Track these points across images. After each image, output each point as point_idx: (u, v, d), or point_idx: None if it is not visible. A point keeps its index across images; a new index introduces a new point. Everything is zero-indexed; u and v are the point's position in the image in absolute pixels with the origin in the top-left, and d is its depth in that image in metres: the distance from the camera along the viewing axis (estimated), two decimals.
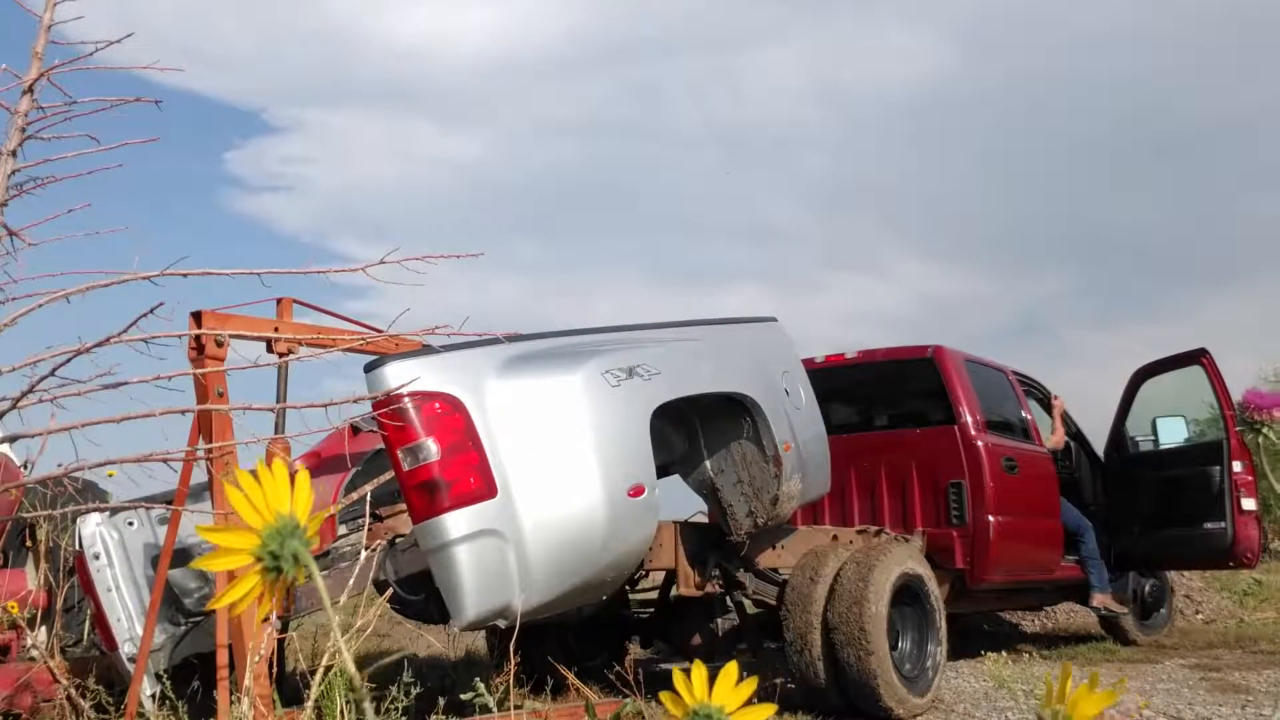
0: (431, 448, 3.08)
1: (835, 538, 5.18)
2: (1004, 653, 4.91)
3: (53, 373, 2.09)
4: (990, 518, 5.66)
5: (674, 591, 4.69)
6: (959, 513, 5.71)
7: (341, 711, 2.73)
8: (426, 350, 3.19)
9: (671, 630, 5.12)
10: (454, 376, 3.18)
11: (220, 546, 0.63)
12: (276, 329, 3.35)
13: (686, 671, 0.71)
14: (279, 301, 3.52)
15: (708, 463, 4.33)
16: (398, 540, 3.52)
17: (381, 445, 4.14)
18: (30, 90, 1.85)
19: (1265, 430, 1.15)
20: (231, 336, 3.09)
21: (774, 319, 4.82)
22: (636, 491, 3.49)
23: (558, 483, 3.33)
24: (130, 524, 3.95)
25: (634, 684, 3.94)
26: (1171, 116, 30.24)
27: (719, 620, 4.84)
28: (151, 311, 2.25)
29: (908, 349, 6.18)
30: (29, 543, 4.47)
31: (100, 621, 3.83)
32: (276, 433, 3.12)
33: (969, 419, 5.77)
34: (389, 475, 3.43)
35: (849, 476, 6.10)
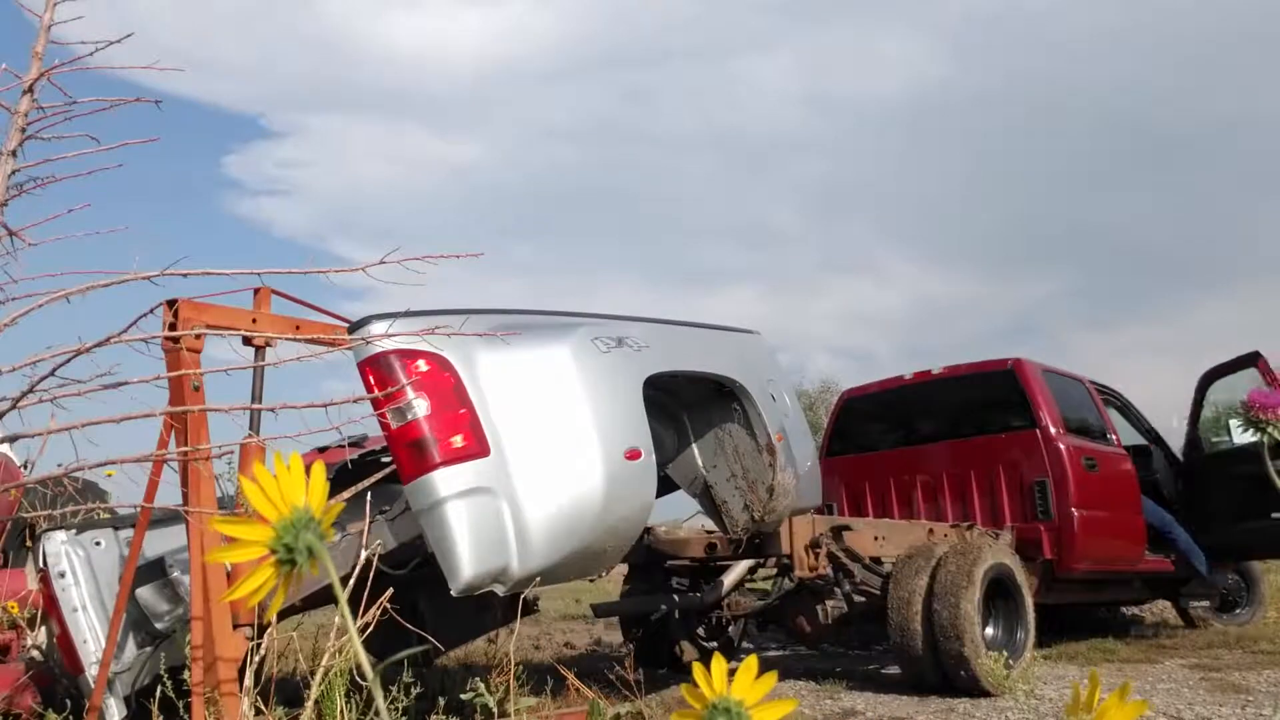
0: (420, 404, 3.02)
1: (931, 532, 5.89)
2: (1004, 652, 4.94)
3: (53, 373, 2.09)
4: (1074, 511, 6.23)
5: (785, 581, 5.47)
6: (1044, 508, 6.29)
7: (341, 711, 2.72)
8: (413, 313, 3.09)
9: (784, 616, 5.66)
10: (442, 338, 3.11)
11: (235, 539, 0.63)
12: (254, 320, 3.21)
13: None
14: (256, 291, 3.31)
15: (699, 458, 4.32)
16: (383, 512, 3.42)
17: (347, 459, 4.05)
18: (30, 90, 1.85)
19: (1270, 430, 1.15)
20: (208, 330, 2.96)
21: (756, 332, 4.89)
22: (633, 455, 3.43)
23: (552, 442, 3.27)
24: (98, 544, 3.76)
25: (633, 685, 3.94)
26: (1160, 122, 30.68)
27: (827, 605, 5.41)
28: (151, 311, 2.26)
29: (989, 363, 6.80)
30: (29, 543, 4.47)
31: (64, 644, 3.63)
32: (251, 432, 3.02)
33: (1049, 423, 6.34)
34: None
35: (941, 480, 6.82)
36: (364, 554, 2.99)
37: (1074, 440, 6.44)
